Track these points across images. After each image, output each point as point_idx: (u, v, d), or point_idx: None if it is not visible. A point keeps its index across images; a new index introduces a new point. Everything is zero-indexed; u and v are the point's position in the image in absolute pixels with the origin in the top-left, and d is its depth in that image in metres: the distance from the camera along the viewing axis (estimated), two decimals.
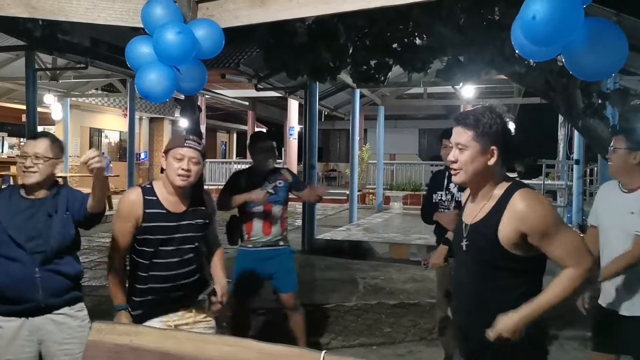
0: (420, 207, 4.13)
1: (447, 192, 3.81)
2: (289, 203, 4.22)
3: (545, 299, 1.90)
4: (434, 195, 3.86)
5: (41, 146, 2.56)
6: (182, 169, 2.45)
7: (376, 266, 7.57)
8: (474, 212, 2.05)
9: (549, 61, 4.03)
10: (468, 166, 1.98)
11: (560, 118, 15.67)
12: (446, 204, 3.79)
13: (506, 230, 1.92)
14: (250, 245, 3.99)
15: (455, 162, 2.00)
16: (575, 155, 10.33)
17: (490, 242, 1.94)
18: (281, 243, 4.04)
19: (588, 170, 11.46)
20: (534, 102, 12.14)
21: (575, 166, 10.42)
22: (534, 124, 16.78)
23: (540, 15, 1.91)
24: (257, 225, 3.95)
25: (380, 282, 6.79)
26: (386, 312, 5.53)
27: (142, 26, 2.49)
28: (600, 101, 4.09)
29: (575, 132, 9.04)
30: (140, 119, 19.89)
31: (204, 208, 2.66)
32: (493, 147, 1.96)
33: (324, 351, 1.67)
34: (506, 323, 1.90)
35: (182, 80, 2.45)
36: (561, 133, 16.22)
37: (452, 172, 2.05)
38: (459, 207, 3.43)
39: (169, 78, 2.34)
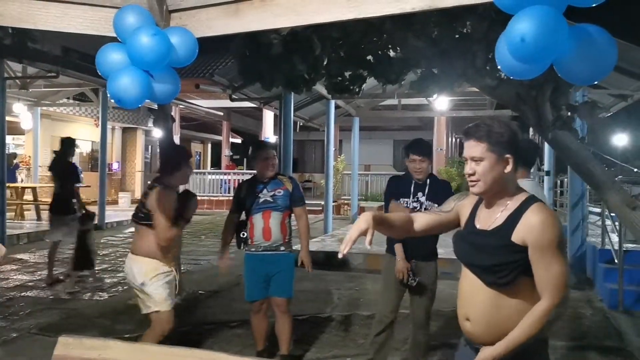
0: None
1: (415, 200, 3.89)
2: None
3: (516, 335, 1.95)
4: (397, 202, 3.92)
5: None
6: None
7: (351, 277, 7.56)
8: (489, 218, 2.08)
9: None
10: (487, 177, 2.02)
11: (531, 130, 15.96)
12: (416, 210, 3.83)
13: (517, 238, 1.96)
14: (254, 249, 4.20)
15: (472, 174, 2.04)
16: (545, 167, 10.51)
17: (504, 247, 1.98)
18: (282, 248, 4.18)
19: (558, 181, 11.67)
20: (505, 114, 12.33)
21: (545, 177, 10.61)
22: None
23: (529, 36, 1.93)
24: (258, 230, 4.14)
25: (355, 293, 6.79)
26: (360, 323, 5.52)
27: (114, 34, 2.46)
28: (569, 114, 4.18)
29: (546, 144, 9.20)
30: (113, 128, 19.64)
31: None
32: (508, 156, 2.02)
33: None
34: (483, 356, 1.99)
35: (155, 88, 2.42)
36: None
37: (470, 184, 2.07)
38: None
39: (143, 83, 2.30)
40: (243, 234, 4.22)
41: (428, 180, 3.97)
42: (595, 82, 2.43)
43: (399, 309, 4.01)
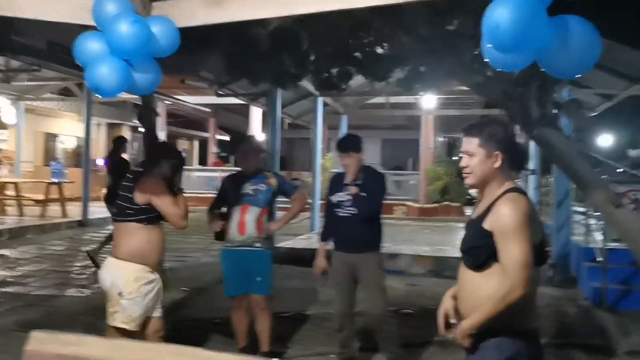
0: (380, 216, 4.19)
1: (347, 193, 3.99)
2: None
3: (478, 314, 2.11)
4: (331, 197, 4.06)
5: None
6: None
7: None
8: (478, 210, 2.29)
9: (506, 71, 4.09)
10: (477, 170, 2.23)
11: (517, 130, 16.00)
12: (347, 203, 3.97)
13: (486, 224, 2.16)
14: (229, 244, 4.15)
15: (466, 167, 2.26)
16: (531, 166, 10.56)
17: (478, 233, 2.17)
18: (257, 245, 4.12)
19: (544, 180, 11.74)
20: (493, 113, 12.37)
21: (531, 176, 10.66)
22: None
23: (503, 22, 1.92)
24: (233, 225, 4.08)
25: (333, 294, 6.76)
26: None
27: (94, 23, 2.41)
28: (555, 111, 4.18)
29: (532, 143, 9.24)
30: (98, 124, 19.43)
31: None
32: (497, 152, 2.21)
33: (275, 359, 1.62)
34: (457, 331, 2.19)
35: (135, 78, 2.37)
36: None
37: (464, 176, 2.29)
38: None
39: (122, 72, 2.26)
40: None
41: (361, 174, 4.01)
42: (580, 75, 2.42)
43: (387, 306, 4.04)
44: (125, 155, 8.09)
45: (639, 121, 35.90)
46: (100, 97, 12.63)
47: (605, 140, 28.08)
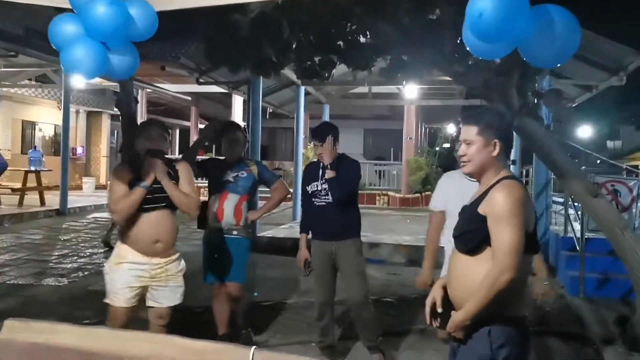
0: (362, 205, 4.19)
1: (323, 181, 3.96)
2: None
3: (471, 304, 2.10)
4: (307, 187, 4.03)
5: None
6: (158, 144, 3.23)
7: None
8: (474, 196, 2.29)
9: (487, 60, 4.10)
10: (475, 158, 2.23)
11: None
12: (323, 192, 3.95)
13: (480, 208, 2.16)
14: (208, 231, 4.17)
15: (464, 155, 2.26)
16: (512, 156, 10.65)
17: (472, 217, 2.18)
18: (234, 232, 4.13)
19: (524, 171, 11.85)
20: (474, 103, 12.43)
21: (511, 167, 10.75)
22: None
23: (486, 12, 1.92)
24: (212, 211, 4.10)
25: (313, 282, 6.76)
26: None
27: (69, 6, 2.35)
28: (535, 101, 4.21)
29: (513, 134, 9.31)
30: (77, 112, 19.14)
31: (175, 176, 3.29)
32: (495, 140, 2.21)
33: (253, 347, 1.60)
34: (450, 323, 2.17)
35: (112, 61, 2.32)
36: None
37: (461, 164, 2.29)
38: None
39: (99, 53, 2.21)
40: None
41: (336, 162, 3.95)
42: (559, 65, 2.43)
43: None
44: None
45: (618, 112, 36.46)
46: (78, 84, 12.38)
47: (584, 131, 28.45)
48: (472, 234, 2.17)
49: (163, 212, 3.24)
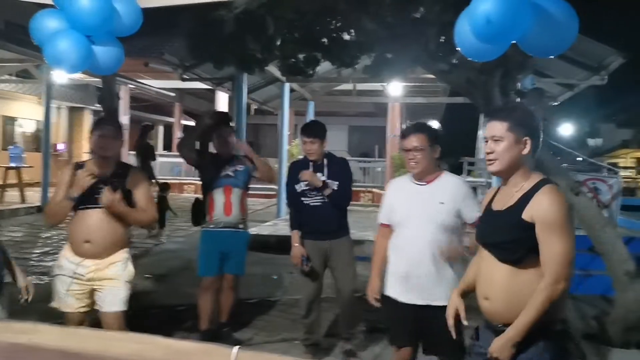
0: None
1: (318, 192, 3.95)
2: None
3: (524, 318, 1.98)
4: (296, 186, 4.00)
5: None
6: (106, 144, 3.00)
7: None
8: (504, 199, 2.14)
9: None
10: (504, 156, 2.08)
11: (482, 118, 16.24)
12: (314, 192, 3.94)
13: (526, 216, 2.02)
14: (212, 226, 4.19)
15: (491, 152, 2.11)
16: None
17: (516, 224, 2.03)
18: (240, 226, 4.25)
19: None
20: (458, 101, 12.52)
21: None
22: (458, 123, 17.35)
23: (495, 16, 1.91)
24: (219, 206, 4.13)
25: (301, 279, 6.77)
26: None
27: (51, 2, 2.32)
28: (517, 99, 4.24)
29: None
30: (59, 108, 18.90)
31: (124, 180, 3.09)
32: (526, 138, 2.07)
33: (237, 346, 1.60)
34: (497, 345, 2.02)
35: (97, 55, 2.30)
36: (482, 132, 16.84)
37: (487, 162, 2.15)
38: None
39: (83, 47, 2.19)
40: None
41: (325, 160, 4.02)
42: (557, 55, 2.42)
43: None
44: (150, 141, 9.25)
45: (599, 111, 36.92)
46: (60, 79, 12.25)
47: (566, 129, 28.76)
48: (518, 243, 2.03)
49: (99, 213, 3.04)
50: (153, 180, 9.09)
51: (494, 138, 2.10)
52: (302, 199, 3.98)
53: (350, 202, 4.13)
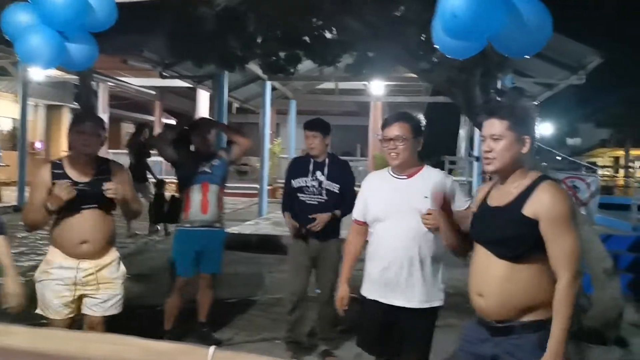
0: None
1: (313, 178, 3.95)
2: None
3: (559, 326, 1.95)
4: (293, 181, 4.00)
5: None
6: (86, 140, 2.86)
7: (283, 260, 7.48)
8: (502, 196, 2.12)
9: (450, 58, 4.14)
10: (504, 154, 2.06)
11: (463, 117, 16.37)
12: (312, 189, 3.93)
13: (528, 212, 2.01)
14: (188, 225, 4.11)
15: (490, 151, 2.09)
16: (475, 153, 10.82)
17: (516, 220, 2.02)
18: (217, 225, 4.18)
19: None
20: (439, 100, 12.58)
21: (475, 163, 10.93)
22: (440, 122, 17.45)
23: (460, 11, 1.90)
24: (195, 204, 4.06)
25: (285, 275, 6.74)
26: None
27: None
28: (497, 98, 4.27)
29: (476, 131, 9.46)
30: (36, 106, 18.61)
31: (108, 176, 2.97)
32: (526, 137, 2.06)
33: (213, 346, 1.57)
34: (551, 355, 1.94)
35: (70, 51, 2.26)
36: (463, 131, 16.97)
37: (485, 161, 2.12)
38: (330, 195, 3.87)
39: (55, 41, 2.14)
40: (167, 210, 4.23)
41: (327, 160, 4.00)
42: (530, 55, 2.42)
43: None
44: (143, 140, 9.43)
45: (578, 110, 37.40)
46: (37, 76, 12.10)
47: (545, 128, 29.06)
48: (520, 240, 2.02)
49: (93, 212, 2.95)
50: (152, 179, 9.25)
51: (494, 136, 2.07)
52: (299, 194, 3.96)
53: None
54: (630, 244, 7.09)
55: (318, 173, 3.95)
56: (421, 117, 2.74)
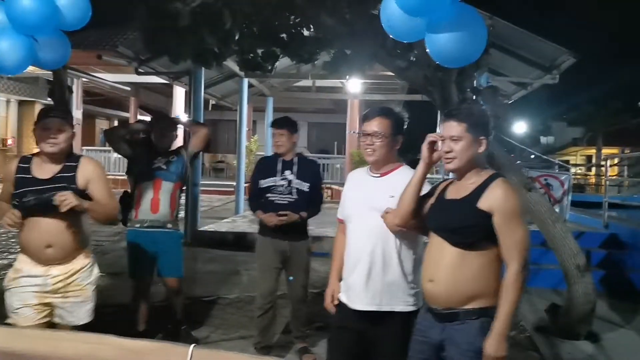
0: None
1: (282, 177, 3.88)
2: None
3: (507, 310, 2.10)
4: (261, 181, 3.93)
5: None
6: (50, 137, 2.69)
7: None
8: (458, 191, 2.28)
9: (427, 56, 4.17)
10: (462, 155, 2.22)
11: (440, 116, 16.47)
12: (281, 189, 3.86)
13: (483, 205, 2.16)
14: (138, 225, 3.94)
15: (450, 151, 2.22)
16: None
17: (471, 212, 2.17)
18: (169, 226, 3.99)
19: None
20: (416, 99, 12.65)
21: None
22: (416, 120, 17.56)
23: None
24: (145, 202, 3.89)
25: (257, 278, 6.73)
26: None
27: None
28: (473, 97, 4.31)
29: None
30: (8, 101, 18.23)
31: (72, 174, 2.78)
32: (482, 137, 2.23)
33: (192, 345, 1.56)
34: (490, 345, 2.09)
35: (40, 53, 2.21)
36: (440, 129, 17.09)
37: (445, 161, 2.24)
38: (300, 194, 3.81)
39: (24, 47, 2.10)
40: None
41: (295, 159, 3.95)
42: (466, 64, 2.50)
43: (310, 288, 4.05)
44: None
45: (551, 109, 38.03)
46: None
47: (519, 126, 29.48)
48: (474, 229, 2.16)
49: (56, 214, 2.71)
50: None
51: (453, 138, 2.21)
52: (268, 195, 3.89)
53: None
54: (602, 241, 7.24)
55: (287, 172, 3.89)
56: (404, 114, 2.68)
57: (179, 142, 4.53)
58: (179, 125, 4.38)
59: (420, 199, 2.39)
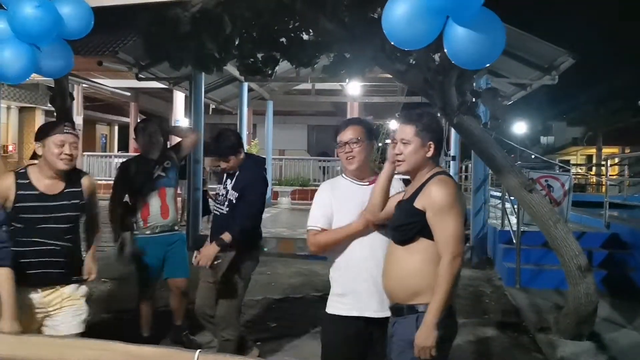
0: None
1: (224, 187, 3.68)
2: None
3: (437, 299, 2.15)
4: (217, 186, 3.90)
5: None
6: (65, 154, 2.61)
7: (263, 261, 7.41)
8: (407, 192, 2.38)
9: (427, 59, 4.19)
10: (411, 158, 2.31)
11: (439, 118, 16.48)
12: (220, 199, 3.68)
13: (417, 204, 2.25)
14: (148, 232, 3.99)
15: (400, 154, 2.31)
16: (451, 152, 10.93)
17: (408, 211, 2.26)
18: (176, 228, 4.15)
19: (463, 166, 12.19)
20: (415, 100, 12.68)
21: (451, 162, 11.03)
22: None
23: None
24: (155, 210, 3.97)
25: (266, 277, 6.74)
26: (271, 307, 5.48)
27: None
28: (473, 99, 4.32)
29: (452, 131, 9.55)
30: (8, 108, 18.25)
31: (80, 189, 2.77)
32: (430, 142, 2.30)
33: (198, 350, 1.58)
34: (421, 335, 2.15)
35: (43, 62, 2.22)
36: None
37: (397, 163, 2.33)
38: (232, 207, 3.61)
39: (27, 57, 2.11)
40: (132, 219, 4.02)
41: (237, 172, 3.65)
42: (487, 65, 2.49)
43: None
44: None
45: (550, 110, 38.05)
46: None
47: (519, 127, 29.49)
48: (409, 227, 2.26)
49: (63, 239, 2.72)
50: None
51: (403, 141, 2.31)
52: (214, 202, 3.85)
53: (257, 215, 3.64)
54: (603, 241, 7.25)
55: (228, 181, 3.67)
56: (371, 121, 2.83)
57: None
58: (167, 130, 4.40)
59: (391, 199, 2.49)
